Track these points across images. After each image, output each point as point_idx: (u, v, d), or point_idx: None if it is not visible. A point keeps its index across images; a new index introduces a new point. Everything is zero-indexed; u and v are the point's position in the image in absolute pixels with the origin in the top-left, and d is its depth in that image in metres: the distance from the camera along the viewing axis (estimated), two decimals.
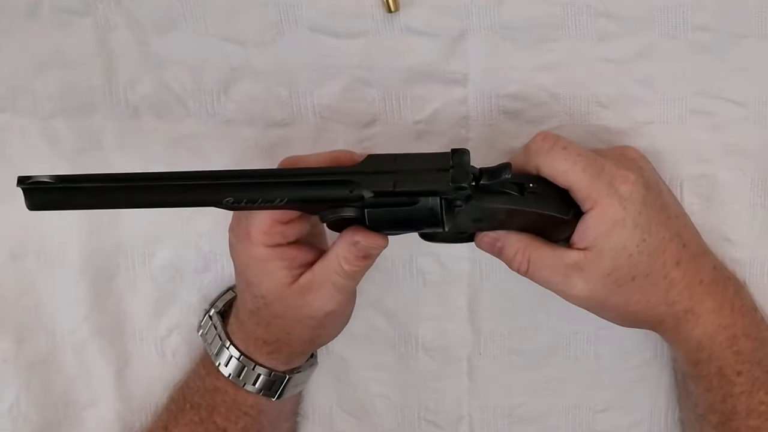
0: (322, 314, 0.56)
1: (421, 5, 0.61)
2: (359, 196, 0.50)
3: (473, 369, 0.66)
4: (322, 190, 0.51)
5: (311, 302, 0.56)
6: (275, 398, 0.61)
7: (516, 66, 0.62)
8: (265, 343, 0.59)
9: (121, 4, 0.63)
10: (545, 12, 0.61)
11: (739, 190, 0.62)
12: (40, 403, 0.66)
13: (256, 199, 0.50)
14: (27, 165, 0.64)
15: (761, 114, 0.62)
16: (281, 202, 0.51)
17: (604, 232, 0.52)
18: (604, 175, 0.53)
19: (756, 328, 0.57)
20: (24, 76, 0.63)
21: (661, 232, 0.54)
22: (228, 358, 0.60)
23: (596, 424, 0.66)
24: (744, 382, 0.55)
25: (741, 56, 0.61)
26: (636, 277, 0.54)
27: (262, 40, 0.63)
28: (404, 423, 0.67)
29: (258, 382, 0.60)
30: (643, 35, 0.61)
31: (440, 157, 0.51)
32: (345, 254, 0.54)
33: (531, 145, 0.54)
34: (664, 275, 0.54)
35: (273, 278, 0.55)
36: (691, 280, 0.55)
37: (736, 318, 0.56)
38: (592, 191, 0.52)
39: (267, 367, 0.60)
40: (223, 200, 0.50)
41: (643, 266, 0.54)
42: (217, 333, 0.61)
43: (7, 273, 0.65)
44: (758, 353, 0.56)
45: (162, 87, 0.63)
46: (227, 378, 0.60)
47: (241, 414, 0.61)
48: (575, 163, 0.52)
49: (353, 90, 0.63)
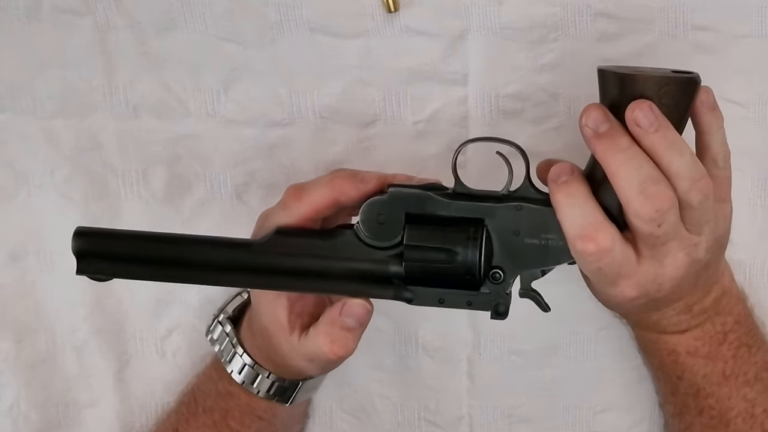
0: (323, 358, 0.55)
1: (421, 5, 0.61)
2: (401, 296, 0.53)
3: (473, 369, 0.66)
4: (367, 289, 0.53)
5: (307, 353, 0.55)
6: (288, 403, 0.60)
7: (516, 66, 0.62)
8: (273, 361, 0.59)
9: (121, 4, 0.63)
10: (545, 12, 0.61)
11: (739, 190, 0.62)
12: (40, 403, 0.66)
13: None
14: (27, 165, 0.64)
15: (761, 114, 0.62)
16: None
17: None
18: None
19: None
20: (24, 76, 0.63)
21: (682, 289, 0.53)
22: (242, 366, 0.60)
23: (596, 424, 0.66)
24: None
25: (741, 56, 0.61)
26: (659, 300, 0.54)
27: (262, 40, 0.62)
28: (404, 423, 0.67)
29: (272, 389, 0.60)
30: (643, 35, 0.61)
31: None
32: (329, 333, 0.53)
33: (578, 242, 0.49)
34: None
35: (274, 317, 0.55)
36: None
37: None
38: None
39: (278, 375, 0.60)
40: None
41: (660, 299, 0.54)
42: (230, 340, 0.61)
43: (7, 273, 0.65)
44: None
45: (162, 87, 0.63)
46: (240, 385, 0.60)
47: (255, 418, 0.61)
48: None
49: (353, 90, 0.63)
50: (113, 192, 0.65)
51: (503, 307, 0.52)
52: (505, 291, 0.52)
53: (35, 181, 0.64)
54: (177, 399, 0.65)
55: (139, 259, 0.53)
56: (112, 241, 0.54)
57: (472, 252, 0.51)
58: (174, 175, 0.64)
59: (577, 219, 0.49)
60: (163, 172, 0.64)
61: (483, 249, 0.51)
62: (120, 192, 0.65)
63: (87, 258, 0.53)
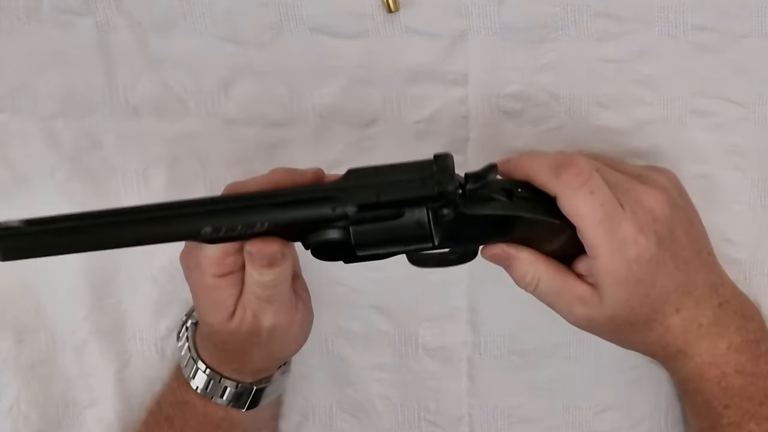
0: (264, 331, 0.55)
1: (421, 5, 0.61)
2: (343, 214, 0.49)
3: (473, 369, 0.66)
4: (303, 210, 0.49)
5: (248, 321, 0.54)
6: (245, 409, 0.60)
7: (516, 66, 0.62)
8: (228, 362, 0.58)
9: (121, 5, 0.63)
10: (545, 12, 0.61)
11: (739, 190, 0.62)
12: (40, 403, 0.66)
13: (235, 227, 0.48)
14: (27, 165, 0.64)
15: (761, 114, 0.62)
16: (262, 228, 0.49)
17: (608, 284, 0.52)
18: (619, 233, 0.51)
19: (752, 363, 0.56)
20: (24, 76, 0.63)
21: (667, 284, 0.53)
22: (195, 371, 0.59)
23: (596, 424, 0.66)
24: (732, 414, 0.55)
25: (741, 56, 0.61)
26: (635, 324, 0.54)
27: (262, 40, 0.62)
28: (404, 423, 0.67)
29: (226, 394, 0.59)
30: (643, 35, 0.61)
31: (423, 165, 0.49)
32: (249, 269, 0.52)
33: (562, 173, 0.51)
34: (662, 322, 0.54)
35: (219, 308, 0.54)
36: (689, 325, 0.55)
37: (731, 356, 0.55)
38: (600, 246, 0.51)
39: (234, 380, 0.59)
40: (201, 231, 0.48)
41: (643, 317, 0.54)
42: (188, 345, 0.61)
43: (7, 273, 0.65)
44: (750, 388, 0.55)
45: (162, 87, 0.63)
46: (195, 391, 0.59)
47: (212, 427, 0.60)
48: (594, 212, 0.51)
49: (353, 90, 0.63)
50: (113, 192, 0.65)
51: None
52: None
53: (35, 181, 0.64)
54: (146, 408, 0.65)
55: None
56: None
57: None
58: (174, 175, 0.64)
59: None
60: (163, 172, 0.64)
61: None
62: (120, 192, 0.65)
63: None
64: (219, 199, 0.50)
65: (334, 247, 0.51)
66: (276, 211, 0.49)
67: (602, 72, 0.62)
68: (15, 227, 0.47)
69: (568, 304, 0.55)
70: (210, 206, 0.49)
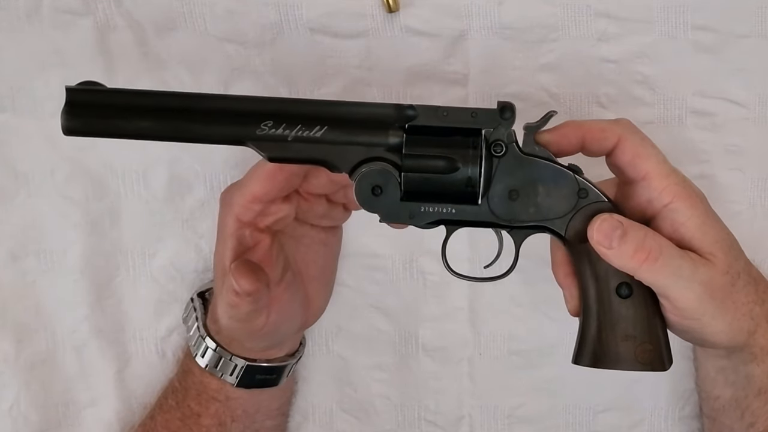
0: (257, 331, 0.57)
1: (421, 5, 0.61)
2: (407, 116, 0.51)
3: (473, 369, 0.66)
4: (366, 108, 0.51)
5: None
6: (220, 376, 0.60)
7: (516, 66, 0.62)
8: (230, 340, 0.60)
9: (121, 5, 0.63)
10: (545, 12, 0.61)
11: (739, 190, 0.62)
12: (40, 403, 0.66)
13: (296, 124, 0.51)
14: (27, 165, 0.64)
15: (761, 114, 0.62)
16: (320, 131, 0.51)
17: (711, 240, 0.52)
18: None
19: None
20: (24, 76, 0.63)
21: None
22: (196, 339, 0.61)
23: (596, 424, 0.66)
24: None
25: (741, 56, 0.61)
26: (741, 274, 0.53)
27: (262, 40, 0.63)
28: (404, 423, 0.67)
29: (206, 355, 0.60)
30: (643, 35, 0.61)
31: (487, 110, 0.51)
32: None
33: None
34: (755, 278, 0.54)
35: (221, 258, 0.56)
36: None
37: None
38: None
39: (240, 356, 0.60)
40: (262, 124, 0.51)
41: (741, 264, 0.53)
42: (196, 314, 0.62)
43: (7, 273, 0.65)
44: None
45: (162, 87, 0.63)
46: (193, 357, 0.61)
47: (209, 398, 0.61)
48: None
49: (353, 90, 0.63)
50: (113, 192, 0.65)
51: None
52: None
53: (35, 181, 0.64)
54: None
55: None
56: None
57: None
58: (174, 175, 0.64)
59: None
60: (163, 172, 0.64)
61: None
62: (120, 192, 0.65)
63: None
64: (280, 99, 0.54)
65: (379, 190, 0.52)
66: (338, 107, 0.52)
67: (602, 72, 0.62)
68: (96, 86, 0.52)
69: (691, 268, 0.51)
70: (271, 102, 0.52)
